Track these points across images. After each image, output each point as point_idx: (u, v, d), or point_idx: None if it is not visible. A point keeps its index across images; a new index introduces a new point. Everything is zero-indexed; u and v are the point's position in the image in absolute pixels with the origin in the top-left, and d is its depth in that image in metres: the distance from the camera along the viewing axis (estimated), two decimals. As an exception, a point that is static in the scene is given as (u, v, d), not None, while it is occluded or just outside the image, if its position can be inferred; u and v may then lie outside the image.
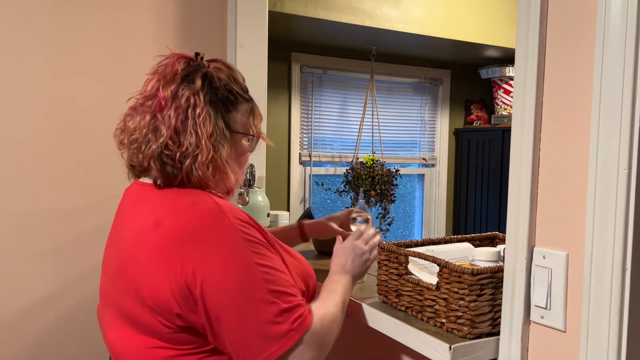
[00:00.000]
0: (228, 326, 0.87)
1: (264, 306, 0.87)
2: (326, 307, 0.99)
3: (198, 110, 0.96)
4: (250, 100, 1.08)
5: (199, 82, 0.99)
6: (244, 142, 1.06)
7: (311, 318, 0.92)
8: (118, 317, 0.98)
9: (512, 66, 1.83)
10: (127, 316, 0.95)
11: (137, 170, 1.02)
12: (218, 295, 0.87)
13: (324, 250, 1.61)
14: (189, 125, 0.96)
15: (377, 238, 1.21)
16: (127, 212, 1.04)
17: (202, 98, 0.98)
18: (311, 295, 1.06)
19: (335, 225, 1.40)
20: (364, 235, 1.19)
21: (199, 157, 0.95)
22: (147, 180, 1.02)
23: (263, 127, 1.97)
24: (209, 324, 0.88)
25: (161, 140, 0.95)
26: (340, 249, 1.16)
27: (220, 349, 0.91)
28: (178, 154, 0.95)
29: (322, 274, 1.40)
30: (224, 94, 1.01)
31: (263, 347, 0.87)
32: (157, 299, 0.89)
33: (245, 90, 1.08)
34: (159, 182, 0.98)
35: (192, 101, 0.97)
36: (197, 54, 1.05)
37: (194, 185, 0.98)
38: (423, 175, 4.20)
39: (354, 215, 1.36)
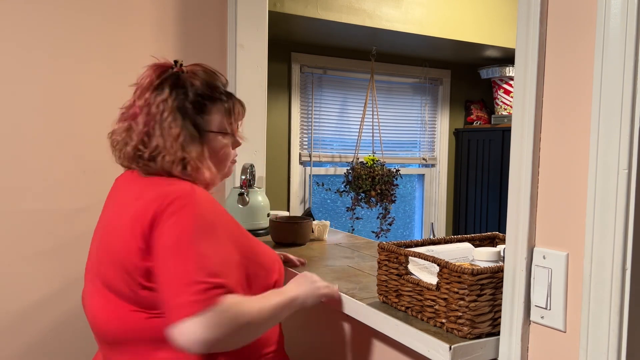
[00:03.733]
0: (158, 278, 0.98)
1: (185, 274, 0.94)
2: (247, 303, 1.01)
3: (165, 115, 1.09)
4: (227, 100, 1.18)
5: (167, 91, 1.11)
6: (221, 139, 1.17)
7: (220, 300, 0.95)
8: (101, 287, 1.07)
9: (512, 66, 1.83)
10: (107, 284, 1.06)
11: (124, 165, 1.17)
12: (160, 249, 0.97)
13: (280, 241, 1.70)
14: (157, 130, 1.09)
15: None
16: (117, 196, 1.16)
17: (170, 104, 1.10)
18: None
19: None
20: None
21: (166, 157, 1.08)
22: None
23: (262, 127, 1.98)
24: (154, 273, 0.98)
25: (133, 143, 1.10)
26: (299, 275, 1.24)
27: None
28: (147, 154, 1.09)
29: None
30: (194, 98, 1.13)
31: (172, 308, 0.94)
32: (124, 253, 1.01)
33: (222, 92, 1.18)
34: (144, 174, 1.12)
35: (161, 107, 1.09)
36: (175, 62, 1.17)
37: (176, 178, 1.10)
38: (423, 175, 4.20)
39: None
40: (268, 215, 1.85)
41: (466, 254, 1.19)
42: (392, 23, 3.08)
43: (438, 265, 1.00)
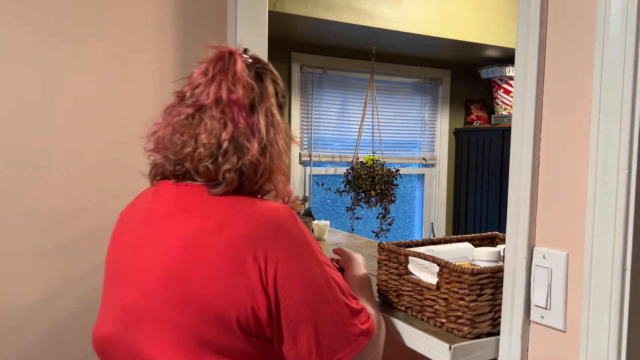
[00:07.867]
0: (302, 326, 0.81)
1: (338, 307, 0.84)
2: (373, 310, 0.97)
3: (276, 120, 0.90)
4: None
5: (270, 88, 0.92)
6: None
7: (373, 323, 0.91)
8: (174, 338, 0.81)
9: (512, 66, 1.83)
10: (189, 334, 0.80)
11: (180, 174, 0.90)
12: (293, 290, 0.80)
13: None
14: (271, 137, 0.89)
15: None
16: (164, 217, 0.89)
17: (274, 105, 0.91)
18: None
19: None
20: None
21: (282, 167, 0.92)
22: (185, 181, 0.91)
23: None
24: (279, 323, 0.81)
25: (250, 154, 0.87)
26: (356, 261, 1.14)
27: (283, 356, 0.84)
28: (261, 168, 0.88)
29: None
30: (282, 100, 0.96)
31: (335, 349, 0.83)
32: (226, 303, 0.79)
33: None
34: (223, 191, 0.86)
35: (272, 110, 0.91)
36: (245, 50, 0.96)
37: (261, 195, 0.92)
38: (423, 175, 4.20)
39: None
40: (268, 215, 1.85)
41: (466, 253, 1.19)
42: (392, 23, 3.08)
43: (438, 265, 1.00)
